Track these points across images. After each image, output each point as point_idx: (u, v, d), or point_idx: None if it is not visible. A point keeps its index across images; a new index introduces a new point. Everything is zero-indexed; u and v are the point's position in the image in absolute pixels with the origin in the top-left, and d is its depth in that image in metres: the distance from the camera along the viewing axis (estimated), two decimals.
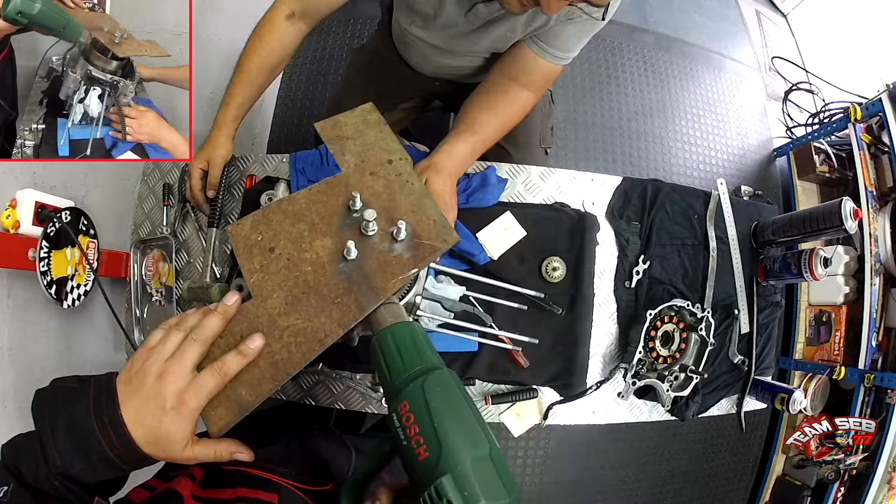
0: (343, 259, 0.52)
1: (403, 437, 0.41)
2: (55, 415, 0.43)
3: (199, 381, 0.44)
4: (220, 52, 1.42)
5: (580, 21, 0.75)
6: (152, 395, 0.42)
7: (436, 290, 0.79)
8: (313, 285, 0.51)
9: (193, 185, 0.88)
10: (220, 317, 0.47)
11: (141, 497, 0.49)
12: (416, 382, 0.43)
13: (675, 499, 1.90)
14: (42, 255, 0.74)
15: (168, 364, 0.44)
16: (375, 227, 0.54)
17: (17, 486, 0.41)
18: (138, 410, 0.42)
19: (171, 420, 0.42)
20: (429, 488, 0.37)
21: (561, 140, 1.99)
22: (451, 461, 0.38)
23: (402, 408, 0.42)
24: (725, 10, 2.50)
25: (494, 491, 0.37)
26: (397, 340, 0.47)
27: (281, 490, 0.55)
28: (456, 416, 0.41)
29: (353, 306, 0.50)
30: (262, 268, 0.52)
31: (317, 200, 0.56)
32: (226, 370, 0.45)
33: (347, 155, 0.60)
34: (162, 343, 0.45)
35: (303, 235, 0.54)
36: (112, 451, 0.41)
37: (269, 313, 0.49)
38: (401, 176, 0.58)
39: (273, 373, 0.47)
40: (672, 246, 0.95)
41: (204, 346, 0.46)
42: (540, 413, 0.87)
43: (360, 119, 0.64)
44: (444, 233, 0.54)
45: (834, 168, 1.89)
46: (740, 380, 0.98)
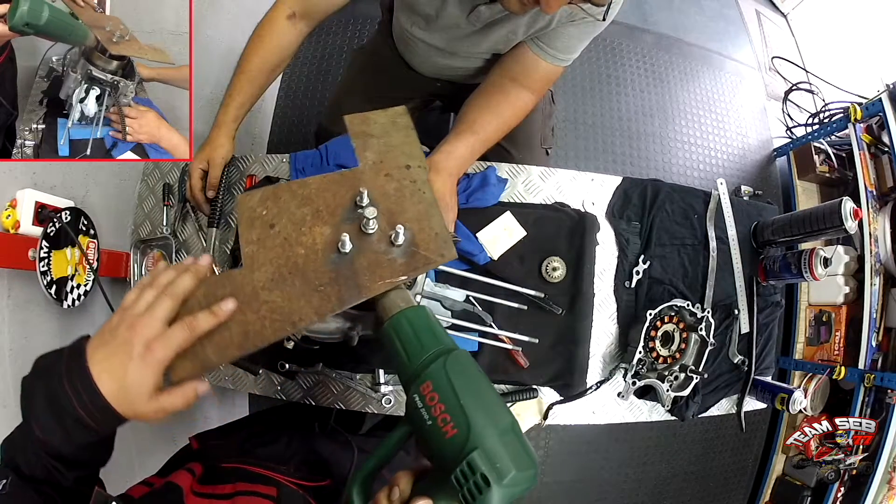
0: (337, 251, 0.53)
1: (428, 416, 0.41)
2: (35, 391, 0.44)
3: (169, 333, 0.45)
4: (220, 52, 1.42)
5: (581, 22, 0.75)
6: (121, 342, 0.43)
7: (437, 290, 0.80)
8: (301, 269, 0.51)
9: (193, 185, 0.88)
10: (192, 275, 0.48)
11: (140, 493, 0.50)
12: (438, 362, 0.44)
13: (675, 499, 1.90)
14: (42, 255, 0.74)
15: (140, 317, 0.45)
16: (376, 226, 0.54)
17: (14, 479, 0.42)
18: (106, 359, 0.43)
19: (136, 368, 0.43)
20: (461, 465, 0.38)
21: (561, 140, 1.99)
22: (480, 436, 0.39)
23: (425, 388, 0.42)
24: (725, 10, 2.49)
25: (522, 461, 0.39)
26: (413, 324, 0.47)
27: (280, 485, 0.55)
28: (478, 393, 0.42)
29: (333, 297, 0.50)
30: (259, 241, 0.53)
31: (327, 189, 0.57)
32: (195, 325, 0.46)
33: (368, 152, 0.60)
34: (136, 301, 0.46)
35: (305, 219, 0.54)
36: (82, 408, 0.42)
37: (253, 285, 0.50)
38: (414, 183, 0.58)
39: (241, 341, 0.48)
40: (672, 246, 0.95)
41: (175, 301, 0.46)
42: (540, 413, 0.87)
43: (389, 120, 0.64)
44: (444, 247, 0.54)
45: (834, 168, 1.89)
46: (740, 380, 0.98)
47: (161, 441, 1.21)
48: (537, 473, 0.40)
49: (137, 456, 1.08)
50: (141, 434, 1.11)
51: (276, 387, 0.87)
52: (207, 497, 0.51)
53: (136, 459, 1.07)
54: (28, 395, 0.44)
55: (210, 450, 0.73)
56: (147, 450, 1.12)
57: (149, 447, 1.13)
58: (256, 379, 0.88)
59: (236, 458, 0.61)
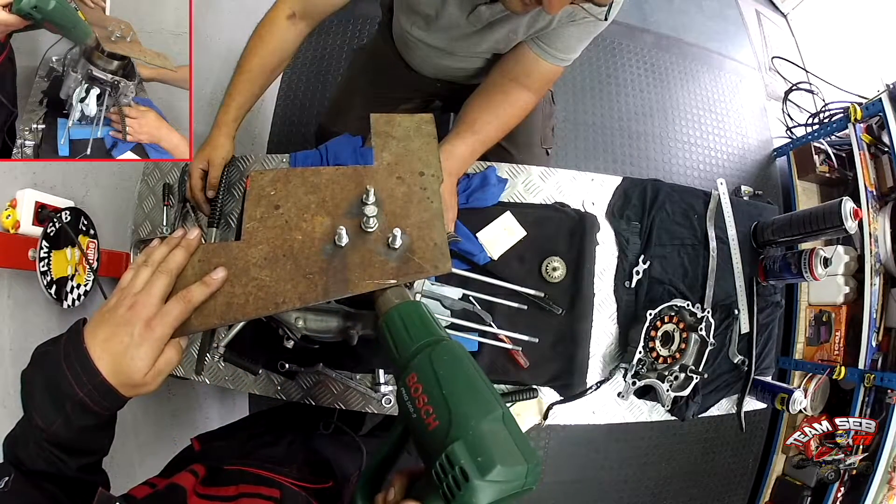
0: (333, 242, 0.53)
1: (413, 409, 0.39)
2: (34, 380, 0.44)
3: (166, 309, 0.46)
4: (220, 52, 1.42)
5: (582, 22, 0.75)
6: (121, 322, 0.44)
7: (435, 290, 0.79)
8: (295, 254, 0.52)
9: (193, 185, 0.88)
10: (183, 250, 0.50)
11: (143, 493, 0.50)
12: (424, 353, 0.42)
13: (675, 499, 1.90)
14: (42, 255, 0.74)
15: (138, 296, 0.46)
16: (375, 225, 0.54)
17: (17, 475, 0.42)
18: (107, 340, 0.43)
19: (136, 346, 0.43)
20: (440, 457, 0.35)
21: (561, 140, 1.99)
22: (463, 427, 0.36)
23: (410, 380, 0.41)
24: (725, 10, 2.49)
25: (510, 456, 0.35)
26: (404, 318, 0.47)
27: (282, 487, 0.56)
28: (465, 383, 0.40)
29: (319, 287, 0.51)
30: (261, 219, 0.54)
31: (336, 181, 0.57)
32: (189, 297, 0.47)
33: (385, 152, 0.61)
34: (132, 281, 0.47)
35: (309, 207, 0.55)
36: (82, 389, 0.42)
37: (246, 260, 0.51)
38: (424, 190, 0.59)
39: (224, 311, 0.49)
40: (672, 246, 0.95)
41: (170, 277, 0.48)
42: (540, 413, 0.87)
43: (413, 125, 0.65)
44: (439, 259, 0.55)
45: (834, 168, 1.89)
46: (740, 380, 0.98)
47: (162, 442, 1.21)
48: (536, 471, 0.36)
49: (138, 456, 1.08)
50: (142, 434, 1.11)
51: (276, 387, 0.87)
52: (211, 499, 0.51)
53: (137, 460, 1.07)
54: (28, 385, 0.44)
55: (212, 451, 0.73)
56: (148, 450, 1.12)
57: (150, 448, 1.13)
58: (256, 379, 0.88)
59: (239, 460, 0.62)
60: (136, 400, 0.48)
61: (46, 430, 0.42)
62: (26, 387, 0.44)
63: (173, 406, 1.31)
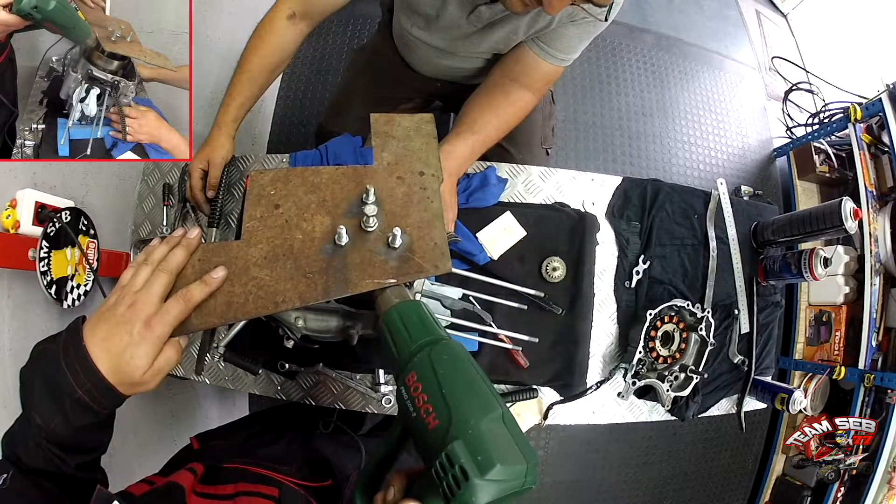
0: (333, 242, 0.53)
1: (412, 408, 0.39)
2: (33, 378, 0.44)
3: (165, 308, 0.46)
4: (220, 52, 1.42)
5: (582, 23, 0.75)
6: (120, 321, 0.44)
7: (434, 290, 0.79)
8: (295, 253, 0.53)
9: (193, 185, 0.88)
10: (183, 249, 0.50)
11: (141, 490, 0.50)
12: (424, 352, 0.42)
13: (675, 499, 1.90)
14: (42, 255, 0.74)
15: (138, 294, 0.46)
16: (375, 225, 0.54)
17: (15, 473, 0.42)
18: (106, 338, 0.43)
19: (136, 345, 0.43)
20: (440, 456, 0.35)
21: (561, 140, 1.99)
22: (462, 426, 0.36)
23: (410, 379, 0.41)
24: (725, 10, 2.49)
25: (510, 455, 0.35)
26: (404, 317, 0.47)
27: (281, 486, 0.56)
28: (465, 382, 0.40)
29: (319, 286, 0.51)
30: (261, 218, 0.54)
31: (336, 181, 0.58)
32: (189, 296, 0.47)
33: (385, 152, 0.61)
34: (132, 279, 0.47)
35: (309, 206, 0.56)
36: (81, 387, 0.42)
37: (246, 259, 0.52)
38: (424, 190, 0.59)
39: (224, 311, 0.49)
40: (672, 246, 0.95)
41: (170, 275, 0.48)
42: (540, 413, 0.87)
43: (413, 125, 0.65)
44: (439, 259, 0.55)
45: (834, 168, 1.89)
46: (740, 380, 0.98)
47: (162, 441, 1.21)
48: (535, 471, 0.36)
49: (138, 456, 1.08)
50: (142, 434, 1.11)
51: (276, 387, 0.87)
52: (209, 497, 0.51)
53: (137, 459, 1.07)
54: (26, 383, 0.44)
55: (211, 450, 0.73)
56: (148, 450, 1.12)
57: (150, 447, 1.13)
58: (256, 379, 0.88)
59: (238, 459, 0.61)
60: (136, 399, 0.48)
61: (45, 428, 0.42)
62: (25, 385, 0.44)
63: (173, 406, 1.31)
